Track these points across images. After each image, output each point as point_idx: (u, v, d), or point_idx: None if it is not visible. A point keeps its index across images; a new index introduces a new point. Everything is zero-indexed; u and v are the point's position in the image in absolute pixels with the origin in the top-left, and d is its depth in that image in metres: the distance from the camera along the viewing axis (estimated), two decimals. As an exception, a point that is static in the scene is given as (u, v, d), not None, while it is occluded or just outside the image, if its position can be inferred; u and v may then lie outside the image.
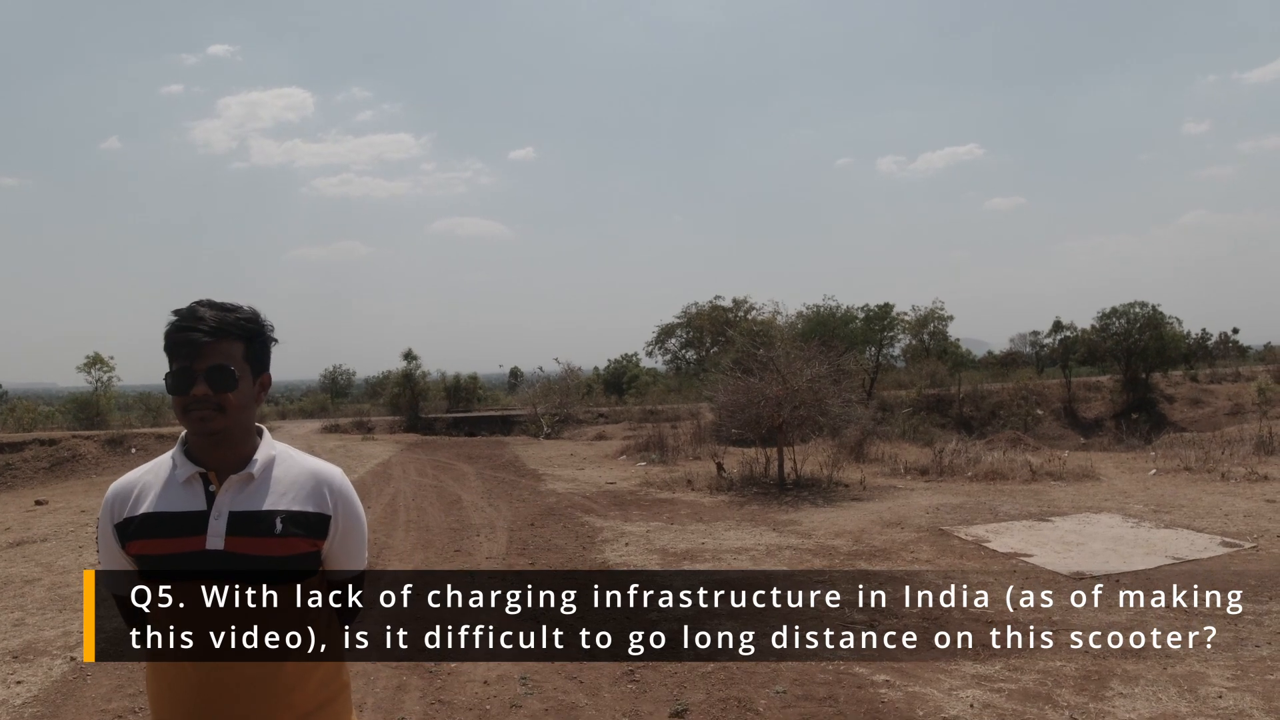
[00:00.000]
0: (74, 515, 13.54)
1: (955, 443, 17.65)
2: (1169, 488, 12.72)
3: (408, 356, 35.88)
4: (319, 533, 2.10)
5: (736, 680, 5.37)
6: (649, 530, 10.62)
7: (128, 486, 2.10)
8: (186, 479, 2.04)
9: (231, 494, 2.04)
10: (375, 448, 24.00)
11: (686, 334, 46.20)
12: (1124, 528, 9.73)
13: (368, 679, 5.47)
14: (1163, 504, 11.22)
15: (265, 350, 2.13)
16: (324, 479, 2.14)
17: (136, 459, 20.98)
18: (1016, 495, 12.39)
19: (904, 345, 41.19)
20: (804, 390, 14.30)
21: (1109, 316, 38.71)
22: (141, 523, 2.03)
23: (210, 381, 1.98)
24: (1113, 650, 5.67)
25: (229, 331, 2.02)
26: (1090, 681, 5.15)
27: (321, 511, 2.10)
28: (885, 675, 5.35)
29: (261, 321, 2.11)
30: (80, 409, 29.56)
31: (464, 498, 14.08)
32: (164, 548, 2.01)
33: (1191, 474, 13.78)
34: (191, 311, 2.02)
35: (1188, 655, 5.54)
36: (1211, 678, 5.17)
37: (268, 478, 2.08)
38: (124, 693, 5.48)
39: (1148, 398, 36.33)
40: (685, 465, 17.25)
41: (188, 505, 2.02)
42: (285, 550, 2.04)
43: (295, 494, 2.09)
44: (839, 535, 9.85)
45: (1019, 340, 48.21)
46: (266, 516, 2.04)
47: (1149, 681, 5.12)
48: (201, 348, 1.98)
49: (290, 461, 2.14)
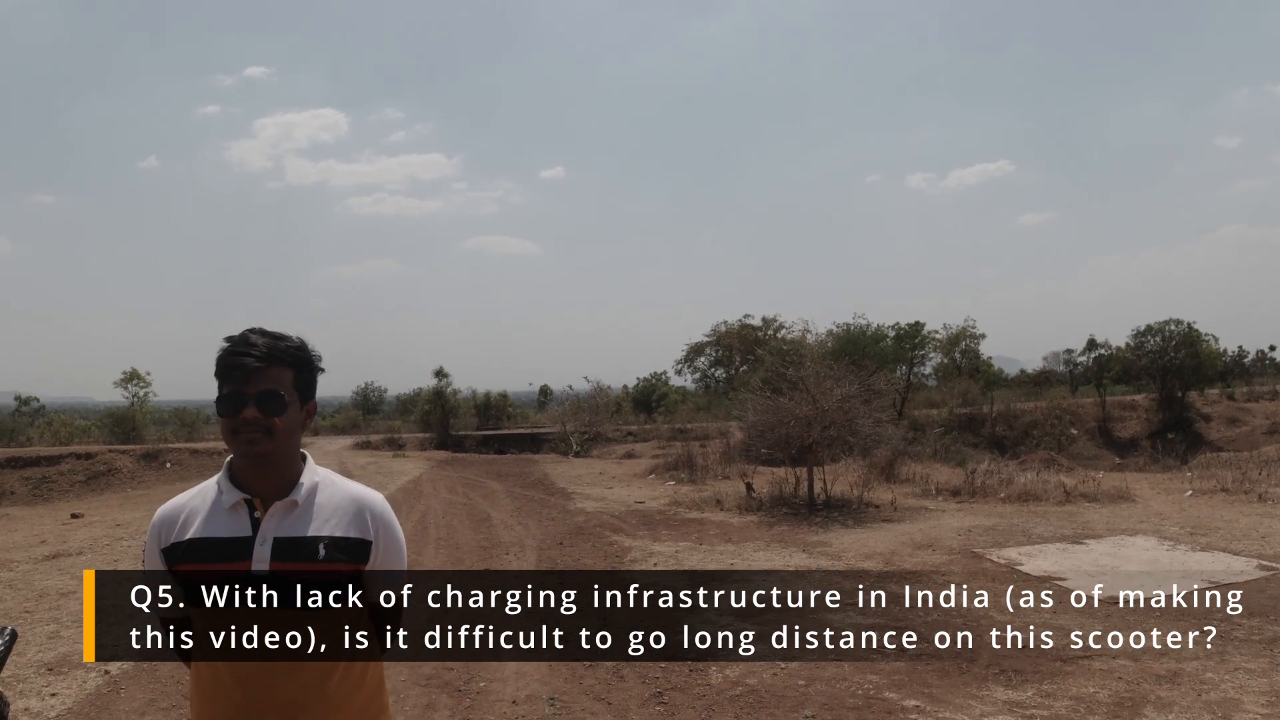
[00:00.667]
0: (109, 529, 13.71)
1: (988, 463, 17.51)
2: (1205, 509, 12.55)
3: (439, 374, 36.11)
4: (360, 558, 2.14)
5: (765, 703, 5.35)
6: (678, 550, 10.61)
7: (175, 511, 2.15)
8: (232, 505, 2.10)
9: (276, 520, 2.09)
10: (406, 465, 24.13)
11: (715, 352, 46.20)
12: (1159, 550, 9.61)
13: (397, 697, 5.50)
14: (1199, 526, 11.08)
15: (313, 378, 2.19)
16: (366, 504, 2.19)
17: (171, 474, 21.25)
18: (1050, 517, 12.27)
19: (935, 364, 40.94)
20: (834, 410, 14.26)
21: (1144, 334, 38.34)
22: (189, 547, 2.08)
23: (260, 405, 2.03)
24: (1147, 676, 5.61)
25: (279, 358, 2.08)
26: (1124, 708, 5.09)
27: (364, 537, 2.15)
28: (915, 700, 5.31)
29: (309, 351, 2.18)
30: (116, 423, 29.98)
31: (493, 515, 14.13)
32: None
33: (1228, 495, 13.60)
34: (244, 338, 2.09)
35: (1223, 681, 5.48)
36: (1246, 704, 5.09)
37: (311, 504, 2.13)
38: (157, 706, 5.54)
39: (1184, 417, 35.88)
40: (714, 485, 17.21)
41: (234, 531, 2.08)
42: (329, 575, 2.08)
43: (338, 520, 2.13)
44: (869, 557, 9.80)
45: (1052, 358, 47.90)
46: (310, 542, 2.08)
47: (1183, 708, 5.06)
48: (253, 373, 2.04)
49: (333, 488, 2.19)
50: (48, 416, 35.06)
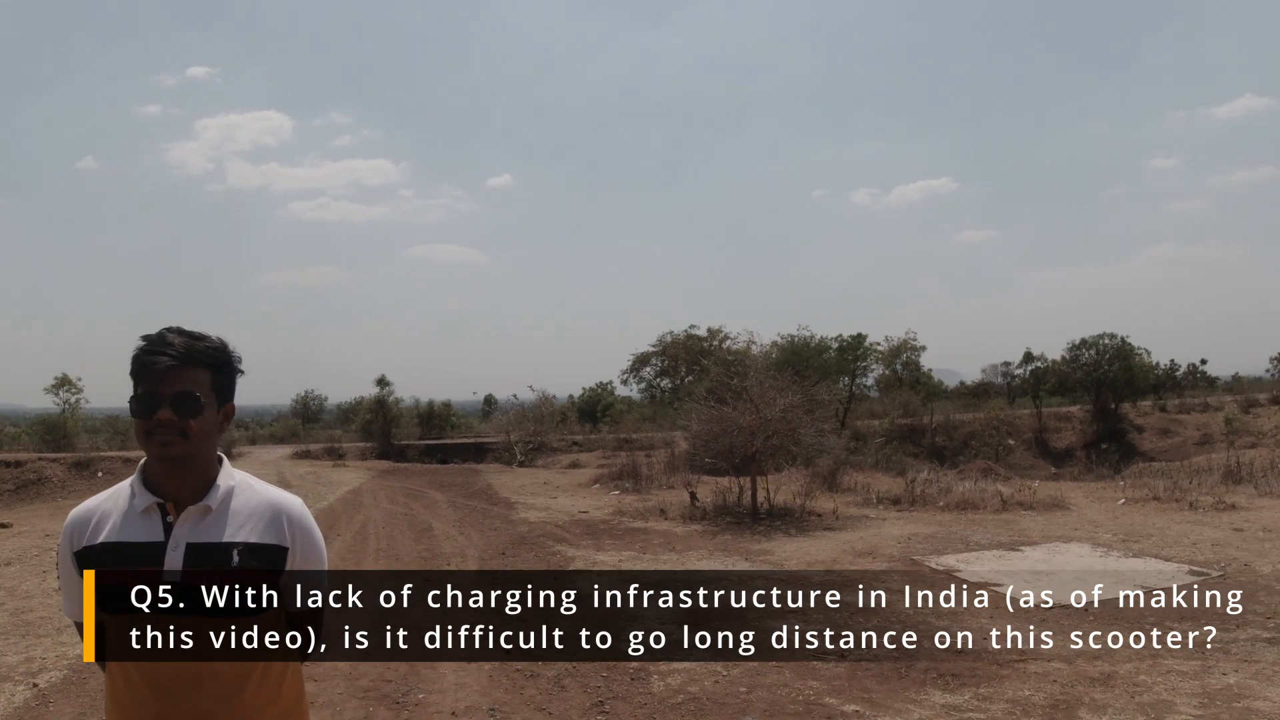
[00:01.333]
0: (39, 539, 13.32)
1: (927, 472, 17.74)
2: (1138, 517, 12.82)
3: (380, 383, 35.72)
4: (277, 564, 2.08)
5: (707, 711, 5.34)
6: (621, 559, 10.57)
7: (86, 514, 2.09)
8: (144, 509, 2.03)
9: (189, 525, 2.02)
10: (346, 474, 23.80)
11: (661, 363, 46.24)
12: (1093, 557, 9.79)
13: (334, 710, 5.39)
14: (1131, 533, 11.31)
15: (231, 380, 2.13)
16: (282, 509, 2.12)
17: (103, 482, 20.71)
18: (987, 525, 12.44)
19: (877, 375, 41.40)
20: (777, 420, 14.34)
21: (1079, 347, 39.16)
22: (101, 551, 2.02)
23: (175, 407, 1.97)
24: (1081, 678, 5.70)
25: (197, 359, 2.02)
26: (1059, 710, 5.16)
27: (279, 543, 2.09)
28: (855, 705, 5.34)
29: (229, 352, 2.11)
30: (47, 431, 29.17)
31: (435, 526, 13.97)
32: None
33: (1160, 503, 13.91)
34: (160, 337, 2.02)
35: (1155, 683, 5.58)
36: (1179, 706, 5.19)
37: (226, 509, 2.07)
38: (86, 719, 5.39)
39: (1117, 428, 36.69)
40: (659, 494, 17.20)
41: (145, 536, 2.01)
42: (243, 582, 2.02)
43: (253, 525, 2.07)
44: (812, 565, 9.85)
45: (991, 371, 48.63)
46: (224, 548, 2.02)
47: (1117, 710, 5.14)
48: (167, 373, 1.97)
49: (249, 492, 2.13)
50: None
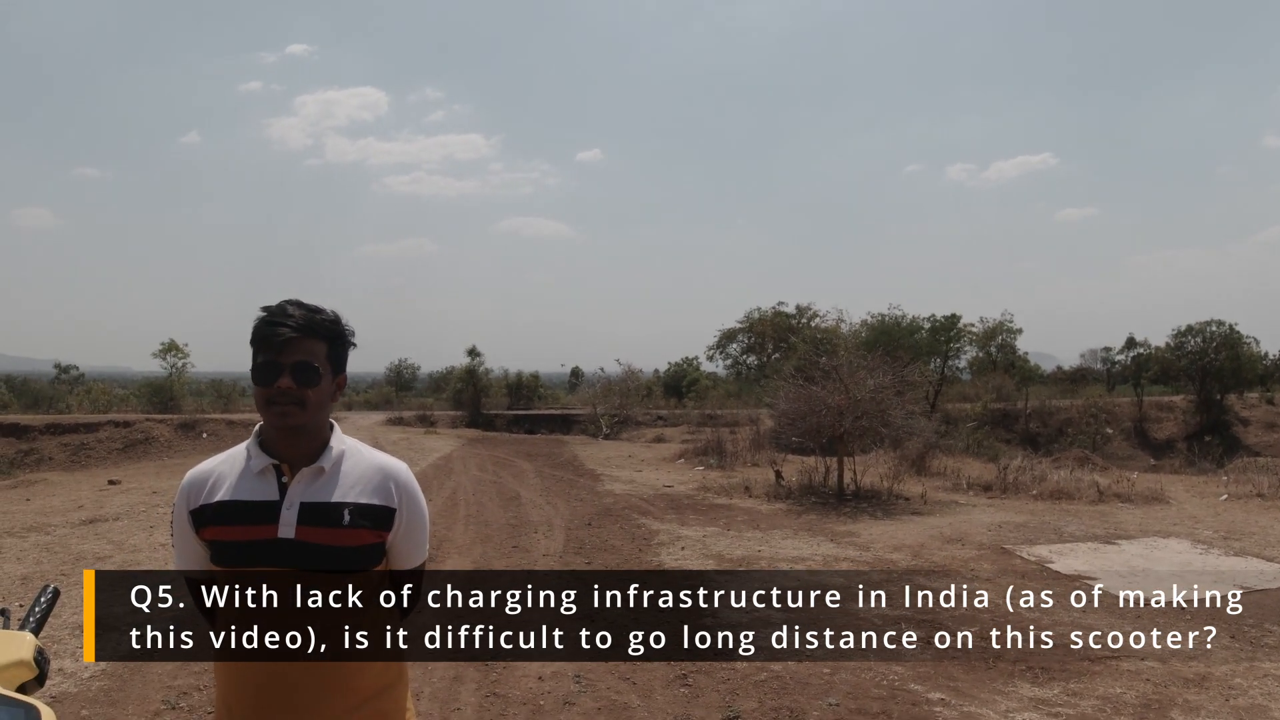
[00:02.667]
0: (146, 496, 13.95)
1: (1020, 459, 17.36)
2: (1240, 514, 12.39)
3: (471, 353, 36.35)
4: (384, 525, 2.18)
5: (789, 689, 5.38)
6: (705, 535, 10.63)
7: (203, 475, 2.20)
8: (261, 470, 2.14)
9: (303, 485, 2.13)
10: (437, 441, 24.32)
11: (748, 339, 46.08)
12: (1192, 554, 9.51)
13: (425, 669, 5.57)
14: (1233, 531, 10.94)
15: (345, 352, 2.23)
16: (390, 473, 2.22)
17: (207, 444, 21.55)
18: (1082, 516, 12.16)
19: (970, 358, 40.51)
20: (866, 400, 14.19)
21: (1184, 334, 37.79)
22: (216, 510, 2.13)
23: (295, 376, 2.07)
24: (1175, 678, 5.57)
25: (315, 330, 2.12)
26: (1151, 710, 5.06)
27: (387, 505, 2.18)
28: (940, 693, 5.31)
29: (344, 324, 2.21)
30: (154, 393, 30.43)
31: (523, 495, 14.23)
32: (237, 534, 2.10)
33: (1264, 501, 13.41)
34: (281, 309, 2.12)
35: (1251, 687, 5.42)
36: (1274, 711, 5.05)
37: (337, 471, 2.17)
38: (189, 670, 5.63)
39: (1222, 420, 35.34)
40: (743, 471, 17.21)
41: (261, 495, 2.12)
42: (352, 541, 2.12)
43: (363, 487, 2.17)
44: (898, 549, 9.77)
45: (1090, 356, 47.29)
46: (336, 508, 2.12)
47: (1210, 712, 5.02)
48: (288, 343, 2.07)
49: (359, 456, 2.23)
50: (87, 385, 35.66)
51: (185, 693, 5.29)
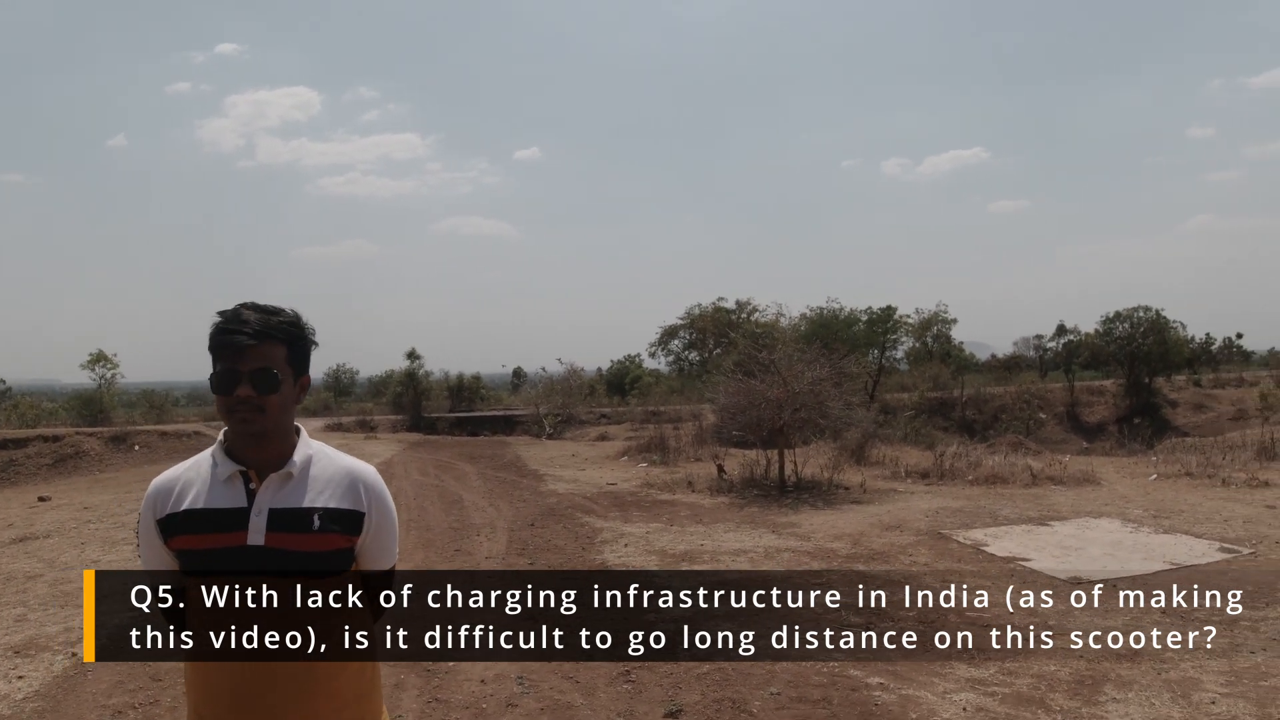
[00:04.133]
0: (77, 512, 13.58)
1: (956, 446, 17.66)
2: (1169, 493, 12.72)
3: (411, 356, 35.97)
4: (354, 529, 2.16)
5: (732, 681, 5.40)
6: (648, 532, 10.64)
7: (169, 483, 2.16)
8: (228, 477, 2.10)
9: (271, 491, 2.10)
10: (378, 446, 24.03)
11: (689, 335, 46.21)
12: (1123, 532, 9.74)
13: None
14: (1163, 509, 11.23)
15: (306, 353, 2.20)
16: (359, 477, 2.21)
17: (140, 456, 21.06)
18: (1017, 499, 12.40)
19: (907, 348, 41.09)
20: (805, 393, 14.32)
21: (1112, 320, 38.70)
22: (184, 518, 2.09)
23: (254, 384, 2.04)
24: (1108, 654, 5.69)
25: (273, 335, 2.08)
26: (1084, 686, 5.17)
27: (357, 508, 2.17)
28: (880, 678, 5.37)
29: (303, 325, 2.18)
30: (84, 406, 29.62)
31: (465, 497, 14.11)
32: (206, 543, 2.07)
33: (1192, 479, 13.79)
34: (236, 314, 2.08)
35: (1182, 660, 5.56)
36: (1205, 683, 5.18)
37: (306, 475, 2.15)
38: (124, 688, 5.51)
39: (1151, 402, 36.29)
40: (686, 467, 17.26)
41: (229, 502, 2.08)
42: (323, 546, 2.10)
43: (332, 491, 2.15)
44: (838, 538, 9.87)
45: (1022, 344, 48.27)
46: (305, 513, 2.10)
47: (1143, 686, 5.14)
48: (246, 350, 2.04)
49: (327, 460, 2.21)
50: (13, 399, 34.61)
51: (120, 711, 5.16)
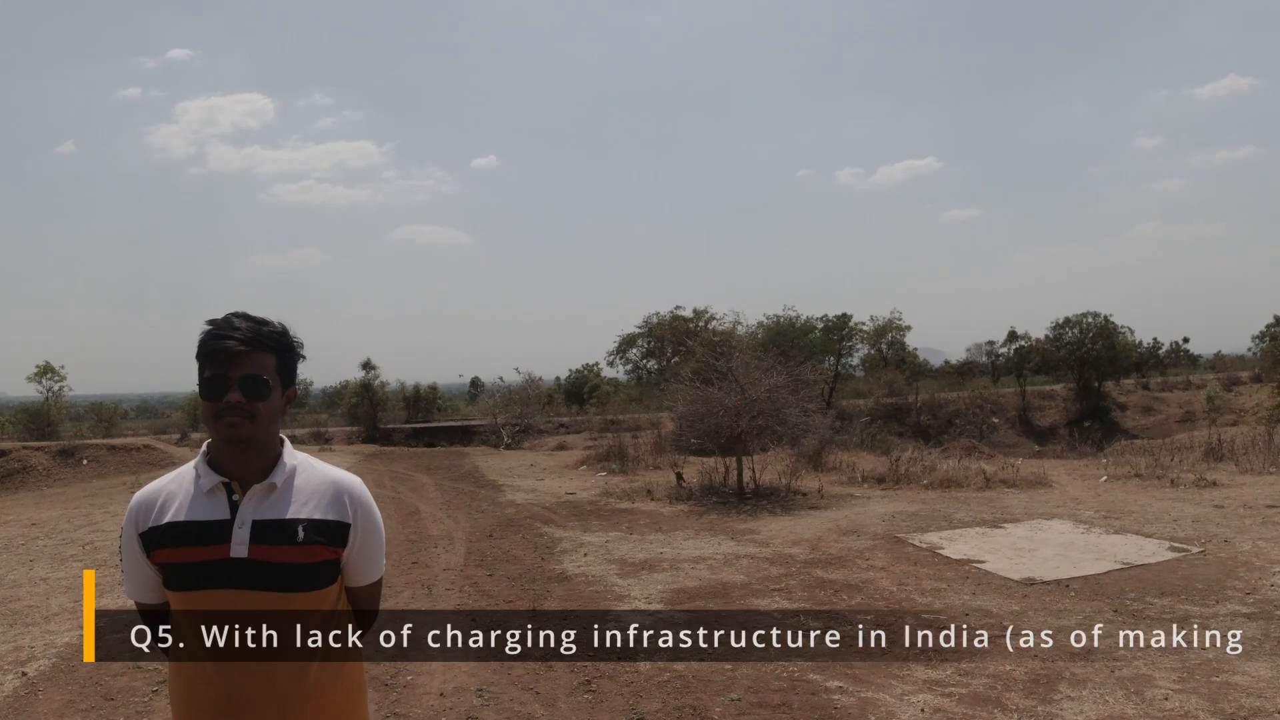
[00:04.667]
0: (24, 528, 13.27)
1: (912, 451, 17.85)
2: (1120, 494, 12.94)
3: (366, 366, 35.61)
4: (339, 540, 2.14)
5: (692, 688, 5.39)
6: (608, 540, 10.62)
7: (151, 496, 2.13)
8: (210, 489, 2.08)
9: (255, 503, 2.07)
10: (334, 459, 23.62)
11: (647, 344, 46.28)
12: (1075, 533, 9.88)
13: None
14: (1113, 510, 11.42)
15: (294, 364, 2.18)
16: (344, 488, 2.19)
17: (89, 470, 20.64)
18: (971, 503, 12.54)
19: (862, 355, 41.47)
20: (762, 400, 14.38)
21: (1062, 326, 39.37)
22: (166, 532, 2.06)
23: (244, 390, 2.02)
24: (1062, 653, 5.77)
25: (263, 343, 2.07)
26: (1039, 685, 5.23)
27: (342, 519, 2.15)
28: (838, 681, 5.40)
29: (291, 336, 2.17)
30: (30, 419, 28.97)
31: (422, 509, 13.99)
32: (189, 556, 2.03)
33: (1142, 481, 14.04)
34: (227, 322, 2.07)
35: (1135, 658, 5.65)
36: (1158, 680, 5.27)
37: (290, 487, 2.12)
38: (76, 708, 5.39)
39: (1100, 406, 36.94)
40: (645, 475, 17.26)
41: (212, 514, 2.05)
42: (307, 558, 2.07)
43: (317, 502, 2.13)
44: (796, 544, 9.91)
45: (975, 350, 48.80)
46: (289, 525, 2.07)
47: (1097, 684, 5.21)
48: (236, 357, 2.02)
49: (311, 471, 2.19)
50: (-43, 412, 33.86)
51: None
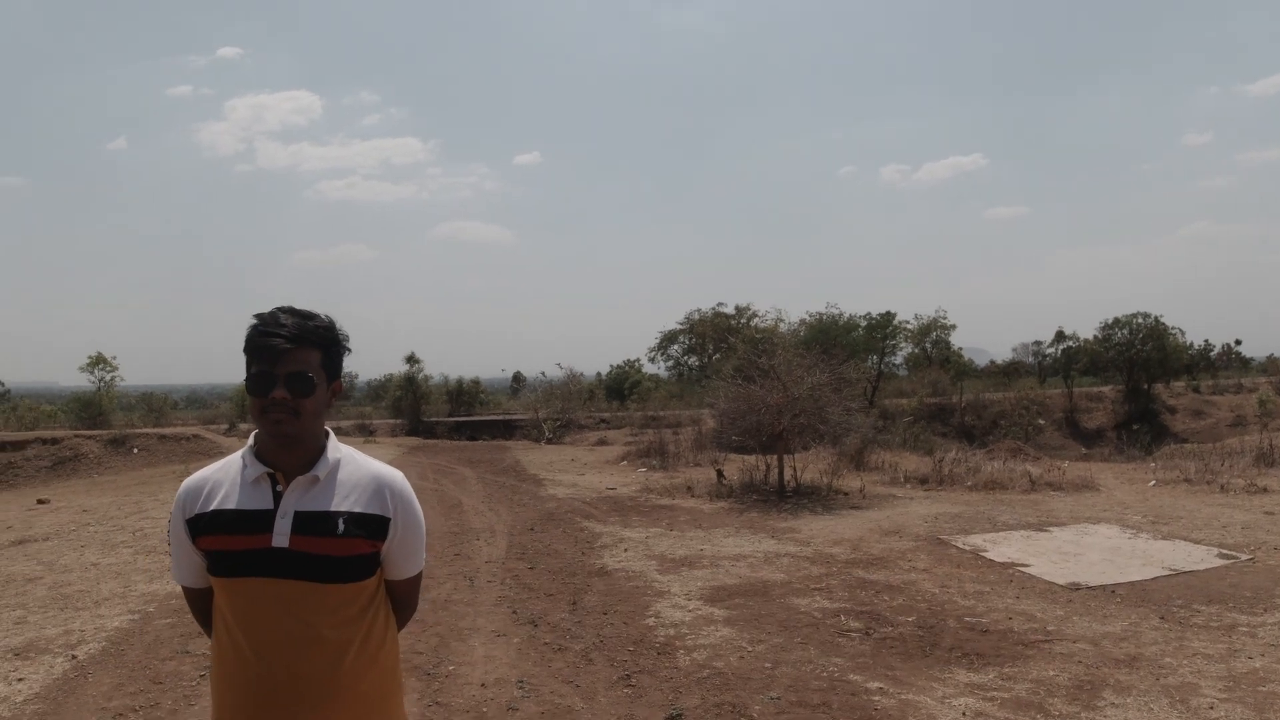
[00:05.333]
0: (76, 514, 13.58)
1: (955, 452, 17.67)
2: (1168, 499, 12.73)
3: (410, 360, 35.96)
4: (379, 534, 2.16)
5: (731, 685, 5.40)
6: (648, 536, 10.65)
7: (199, 483, 2.18)
8: (255, 479, 2.12)
9: (298, 494, 2.11)
10: (377, 451, 24.00)
11: (689, 340, 46.25)
12: (1121, 539, 9.75)
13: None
14: (1161, 515, 11.24)
15: (340, 359, 2.21)
16: (386, 482, 2.21)
17: (139, 459, 21.05)
18: (1015, 505, 12.41)
19: (906, 354, 41.20)
20: (805, 398, 14.32)
21: (1111, 327, 38.82)
22: (211, 519, 2.11)
23: (289, 387, 2.06)
24: (1106, 660, 5.70)
25: (308, 339, 2.10)
26: (1083, 691, 5.18)
27: (382, 514, 2.17)
28: (879, 682, 5.38)
29: (338, 331, 2.20)
30: (83, 408, 29.61)
31: (464, 502, 14.12)
32: (232, 544, 2.08)
33: (1191, 485, 13.80)
34: (274, 317, 2.10)
35: (1180, 666, 5.57)
36: (1204, 689, 5.19)
37: (333, 479, 2.16)
38: (124, 690, 5.52)
39: (1149, 409, 36.37)
40: (686, 472, 17.26)
41: (256, 504, 2.10)
42: (347, 550, 2.10)
43: (358, 496, 2.16)
44: (837, 543, 9.87)
45: (1021, 350, 48.30)
46: (330, 517, 2.10)
47: (1141, 692, 5.15)
48: (282, 354, 2.06)
49: (354, 464, 2.22)
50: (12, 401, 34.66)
51: (121, 714, 5.16)
